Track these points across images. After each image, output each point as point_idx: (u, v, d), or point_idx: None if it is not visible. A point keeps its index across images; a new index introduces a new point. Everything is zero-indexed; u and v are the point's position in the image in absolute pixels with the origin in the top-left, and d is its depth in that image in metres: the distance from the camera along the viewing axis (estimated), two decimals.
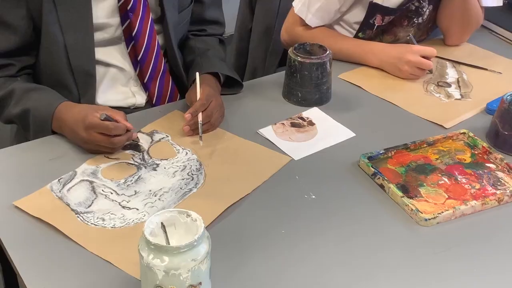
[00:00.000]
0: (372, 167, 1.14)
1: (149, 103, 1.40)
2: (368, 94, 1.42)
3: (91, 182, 1.10)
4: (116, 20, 1.28)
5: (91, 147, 1.15)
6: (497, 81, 1.48)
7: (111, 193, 1.07)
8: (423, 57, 1.44)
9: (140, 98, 1.38)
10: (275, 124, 1.29)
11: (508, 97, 1.22)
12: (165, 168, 1.14)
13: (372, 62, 1.49)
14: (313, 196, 1.09)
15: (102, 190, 1.08)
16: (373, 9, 1.49)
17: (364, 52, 1.49)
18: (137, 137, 1.21)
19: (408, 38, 1.46)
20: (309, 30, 1.52)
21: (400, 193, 1.07)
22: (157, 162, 1.16)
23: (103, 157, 1.16)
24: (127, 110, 1.35)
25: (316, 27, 1.53)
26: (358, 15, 1.53)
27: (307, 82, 1.35)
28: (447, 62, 1.55)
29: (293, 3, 1.55)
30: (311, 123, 1.31)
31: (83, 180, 1.10)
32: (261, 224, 1.02)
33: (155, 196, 1.07)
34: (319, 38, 1.42)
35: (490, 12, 1.66)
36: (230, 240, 0.99)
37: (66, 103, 1.19)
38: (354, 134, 1.27)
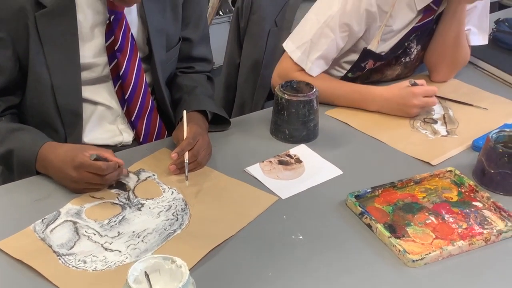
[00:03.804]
0: (360, 206, 1.13)
1: (136, 141, 1.40)
2: (355, 130, 1.43)
3: (74, 223, 1.09)
4: (103, 59, 1.28)
5: (80, 186, 1.14)
6: (483, 117, 1.49)
7: (94, 234, 1.06)
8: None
9: (127, 136, 1.38)
10: (263, 162, 1.29)
11: (493, 136, 1.22)
12: (150, 208, 1.13)
13: (371, 107, 1.48)
14: (301, 237, 1.08)
15: (85, 231, 1.06)
16: (366, 55, 1.51)
17: (364, 98, 1.48)
18: (128, 173, 1.21)
19: (411, 83, 1.46)
20: (307, 76, 1.49)
21: (387, 233, 1.07)
22: (142, 201, 1.15)
23: (88, 197, 1.15)
24: (114, 148, 1.35)
25: None
26: (349, 57, 1.55)
27: (294, 120, 1.35)
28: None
29: (286, 47, 1.52)
30: (298, 161, 1.31)
31: (66, 220, 1.09)
32: (247, 267, 1.01)
33: (138, 237, 1.05)
34: (316, 85, 1.39)
35: (474, 47, 1.68)
36: (215, 284, 0.97)
37: (50, 143, 1.18)
38: (341, 172, 1.27)
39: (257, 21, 1.80)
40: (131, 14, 1.29)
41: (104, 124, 1.36)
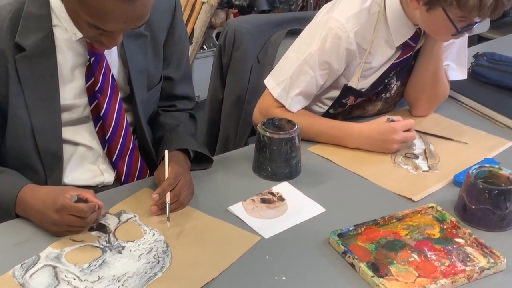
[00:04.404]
0: (342, 245, 1.13)
1: (118, 181, 1.38)
2: (338, 167, 1.43)
3: (54, 267, 1.07)
4: (83, 100, 1.28)
5: (61, 228, 1.13)
6: (464, 151, 1.50)
7: (74, 279, 1.04)
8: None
9: (108, 176, 1.37)
10: (245, 200, 1.29)
11: (473, 171, 1.23)
12: (130, 250, 1.12)
13: (350, 144, 1.48)
14: (284, 278, 1.07)
15: (65, 276, 1.05)
16: (347, 92, 1.53)
17: (343, 134, 1.48)
18: (105, 214, 1.20)
19: (388, 121, 1.47)
20: (287, 112, 1.50)
21: (370, 273, 1.06)
22: (123, 244, 1.13)
23: (68, 240, 1.14)
24: (95, 188, 1.34)
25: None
26: (330, 93, 1.56)
27: (277, 157, 1.35)
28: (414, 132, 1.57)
29: (267, 84, 1.53)
30: (281, 199, 1.31)
31: (46, 265, 1.07)
32: None
33: (118, 281, 1.04)
34: (296, 121, 1.39)
35: (454, 82, 1.70)
36: None
37: (30, 186, 1.17)
38: (324, 210, 1.27)
39: (239, 57, 1.82)
40: (112, 55, 1.29)
41: (85, 165, 1.35)
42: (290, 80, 1.49)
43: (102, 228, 1.18)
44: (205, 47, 3.22)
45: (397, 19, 1.46)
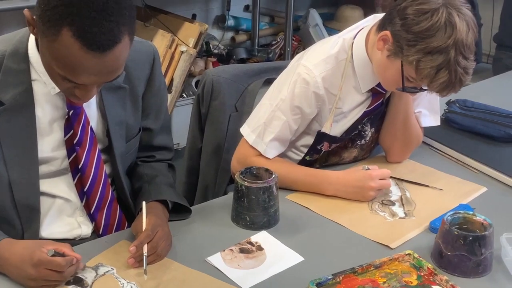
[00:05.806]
0: None
1: (96, 233, 1.37)
2: (316, 215, 1.45)
3: None
4: (62, 153, 1.28)
5: (38, 283, 1.12)
6: (439, 197, 1.53)
7: None
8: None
9: (86, 229, 1.36)
10: (224, 250, 1.29)
11: (448, 218, 1.25)
12: None
13: (327, 191, 1.50)
14: None
15: None
16: (321, 138, 1.56)
17: (319, 182, 1.50)
18: (84, 266, 1.19)
19: (364, 169, 1.50)
20: (264, 160, 1.53)
21: None
22: None
23: None
24: (72, 241, 1.33)
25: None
26: (305, 140, 1.59)
27: (255, 206, 1.36)
28: (390, 180, 1.60)
29: (242, 132, 1.56)
30: (259, 248, 1.31)
31: None
32: None
33: None
34: (273, 169, 1.41)
35: (428, 128, 1.74)
36: None
37: (6, 240, 1.16)
38: (302, 259, 1.28)
39: (218, 106, 1.84)
40: (91, 107, 1.30)
41: (63, 217, 1.34)
42: (264, 126, 1.52)
43: (79, 281, 1.16)
44: (184, 95, 3.25)
45: (364, 66, 1.50)
